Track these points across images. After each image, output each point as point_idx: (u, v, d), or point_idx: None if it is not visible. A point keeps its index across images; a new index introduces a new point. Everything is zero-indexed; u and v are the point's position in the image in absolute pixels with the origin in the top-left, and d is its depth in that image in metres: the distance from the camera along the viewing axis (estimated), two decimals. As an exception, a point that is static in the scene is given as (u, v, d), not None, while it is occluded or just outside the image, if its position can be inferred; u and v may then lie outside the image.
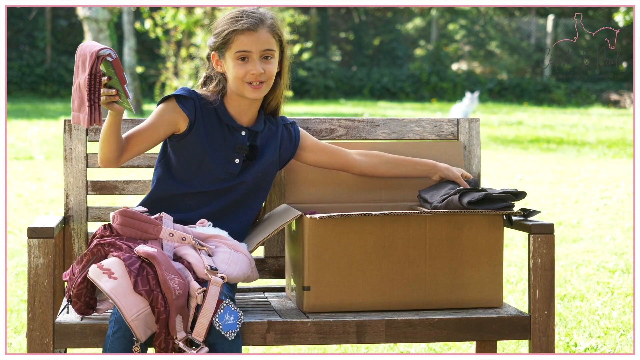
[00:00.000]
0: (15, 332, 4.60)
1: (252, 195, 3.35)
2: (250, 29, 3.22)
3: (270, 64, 3.27)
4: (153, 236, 3.06)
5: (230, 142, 3.31)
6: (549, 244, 3.18)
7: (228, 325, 2.93)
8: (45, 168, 10.97)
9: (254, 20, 3.23)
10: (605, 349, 4.33)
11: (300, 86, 25.81)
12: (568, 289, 5.45)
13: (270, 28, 3.26)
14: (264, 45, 3.24)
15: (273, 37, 3.27)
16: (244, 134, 3.32)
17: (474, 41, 29.30)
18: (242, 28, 3.22)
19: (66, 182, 3.48)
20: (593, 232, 7.13)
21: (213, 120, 3.30)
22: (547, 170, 10.95)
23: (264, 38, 3.24)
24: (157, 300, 2.88)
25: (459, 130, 3.66)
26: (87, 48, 3.02)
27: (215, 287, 2.95)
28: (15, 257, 6.26)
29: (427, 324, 3.12)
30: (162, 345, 2.89)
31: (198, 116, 3.28)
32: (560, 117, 19.82)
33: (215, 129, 3.30)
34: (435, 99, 25.11)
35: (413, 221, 3.21)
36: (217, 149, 3.29)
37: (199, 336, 2.91)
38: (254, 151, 3.33)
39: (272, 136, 3.38)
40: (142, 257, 2.94)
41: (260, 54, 3.24)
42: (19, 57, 25.02)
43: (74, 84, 3.04)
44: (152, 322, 2.91)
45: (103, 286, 2.89)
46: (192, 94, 3.30)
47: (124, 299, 2.88)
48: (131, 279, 2.90)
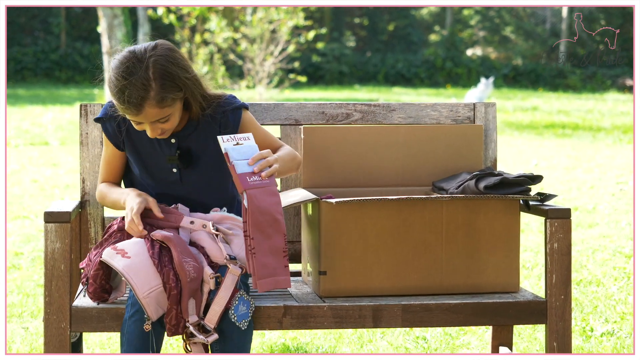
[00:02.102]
0: (32, 317, 4.62)
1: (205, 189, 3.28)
2: (133, 113, 3.00)
3: (167, 122, 3.08)
4: (174, 224, 3.08)
5: (161, 154, 3.21)
6: (565, 229, 3.17)
7: (241, 315, 2.95)
8: (60, 154, 11.00)
9: (136, 100, 2.96)
10: (622, 334, 4.32)
11: (315, 72, 25.80)
12: (584, 274, 5.44)
13: (155, 101, 2.98)
14: (153, 118, 3.03)
15: (161, 106, 3.00)
16: (174, 141, 3.20)
17: (489, 26, 29.22)
18: (124, 109, 3.00)
19: (82, 167, 3.49)
20: (609, 217, 7.11)
21: (141, 135, 3.20)
22: (563, 156, 10.92)
23: (151, 114, 3.01)
24: (169, 276, 2.89)
25: (475, 114, 3.65)
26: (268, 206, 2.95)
27: (232, 276, 2.95)
28: (32, 242, 6.28)
29: (443, 309, 3.12)
30: (172, 322, 2.90)
31: (124, 135, 3.20)
32: (576, 102, 19.75)
33: (144, 143, 3.21)
34: (449, 85, 25.06)
35: (429, 206, 3.20)
36: (152, 163, 3.22)
37: (210, 322, 2.92)
38: (187, 158, 3.21)
39: (210, 130, 3.22)
40: (159, 240, 2.96)
41: (153, 122, 3.06)
42: (34, 42, 25.09)
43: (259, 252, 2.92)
44: (164, 300, 2.92)
45: (116, 264, 2.90)
46: (113, 110, 3.18)
47: (136, 276, 2.89)
48: (151, 252, 2.91)
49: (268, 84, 19.16)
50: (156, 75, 2.98)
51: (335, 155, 3.48)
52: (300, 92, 21.04)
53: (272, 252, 2.93)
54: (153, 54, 3.00)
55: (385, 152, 3.49)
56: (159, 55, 3.01)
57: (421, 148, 3.51)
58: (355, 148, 3.47)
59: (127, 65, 2.98)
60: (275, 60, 19.17)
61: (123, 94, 2.97)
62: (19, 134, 13.03)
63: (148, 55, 3.00)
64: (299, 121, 3.59)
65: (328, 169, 3.48)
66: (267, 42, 19.14)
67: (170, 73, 3.00)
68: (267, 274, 2.92)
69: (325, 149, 3.45)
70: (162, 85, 2.98)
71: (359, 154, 3.48)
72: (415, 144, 3.50)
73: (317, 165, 3.48)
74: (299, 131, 3.56)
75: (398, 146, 3.50)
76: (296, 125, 3.58)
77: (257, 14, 18.72)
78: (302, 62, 23.84)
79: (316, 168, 3.48)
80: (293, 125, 3.58)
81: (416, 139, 3.51)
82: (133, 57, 2.99)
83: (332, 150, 3.46)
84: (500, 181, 3.21)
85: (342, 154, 3.48)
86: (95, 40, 24.77)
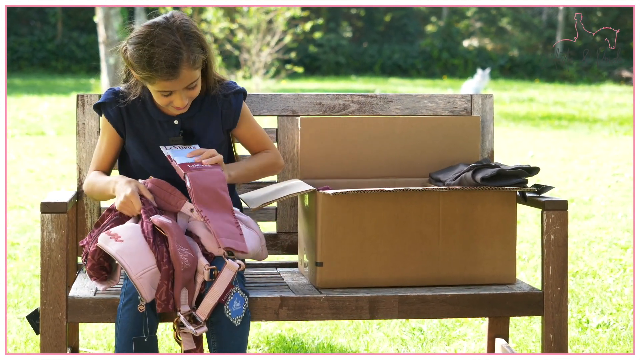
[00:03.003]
0: (28, 307, 4.62)
1: None
2: (170, 76, 3.03)
3: (194, 89, 3.13)
4: (174, 208, 3.07)
5: (163, 137, 3.23)
6: (562, 220, 3.17)
7: (236, 311, 2.95)
8: (56, 144, 10.99)
9: (171, 63, 3.01)
10: (618, 325, 4.32)
11: (311, 62, 25.79)
12: (580, 266, 5.45)
13: (189, 62, 3.04)
14: (186, 82, 3.08)
15: (194, 68, 3.07)
16: (177, 122, 3.22)
17: (485, 17, 29.22)
18: (160, 75, 3.03)
19: (79, 157, 3.48)
20: (605, 209, 7.12)
21: (142, 118, 3.23)
22: (559, 147, 10.93)
23: (186, 77, 3.06)
24: (162, 253, 2.90)
25: (472, 106, 3.65)
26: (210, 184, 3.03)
27: (229, 271, 2.94)
28: (28, 233, 6.28)
29: (440, 300, 3.12)
30: (162, 297, 2.89)
31: (126, 120, 3.22)
32: (572, 94, 19.76)
33: (146, 127, 3.23)
34: (446, 76, 25.06)
35: (426, 197, 3.20)
36: (153, 146, 3.22)
37: (202, 315, 2.92)
38: (190, 139, 3.23)
39: (212, 111, 3.26)
40: (155, 226, 2.96)
41: (184, 87, 3.10)
42: (30, 32, 25.04)
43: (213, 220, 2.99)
44: (157, 281, 2.91)
45: (110, 249, 2.90)
46: (115, 96, 3.22)
47: (129, 258, 2.89)
48: (146, 231, 2.92)
49: (265, 75, 19.15)
50: (183, 37, 3.05)
51: (332, 147, 3.48)
52: (296, 83, 21.04)
53: (225, 222, 2.99)
54: (174, 20, 3.07)
55: (382, 144, 3.49)
56: (181, 21, 3.08)
57: (418, 139, 3.50)
58: (352, 139, 3.47)
59: (155, 34, 3.03)
60: (272, 50, 19.15)
61: (157, 62, 3.00)
62: (15, 123, 13.02)
63: (171, 21, 3.06)
64: (296, 112, 3.58)
65: (325, 160, 3.47)
66: (263, 33, 19.13)
67: (195, 33, 3.08)
68: (227, 235, 2.99)
69: (323, 140, 3.45)
70: (190, 46, 3.05)
71: (356, 145, 3.47)
72: (412, 135, 3.50)
73: (314, 156, 3.48)
74: (296, 122, 3.55)
75: (395, 137, 3.49)
76: (293, 116, 3.58)
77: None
78: (299, 53, 23.84)
79: (313, 159, 3.48)
80: (290, 116, 3.58)
81: (413, 130, 3.51)
82: (157, 27, 3.05)
83: (329, 141, 3.46)
84: (497, 173, 3.21)
85: (339, 145, 3.48)
86: (92, 30, 24.74)
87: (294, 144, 3.57)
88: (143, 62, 3.02)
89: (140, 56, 3.02)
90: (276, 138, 3.57)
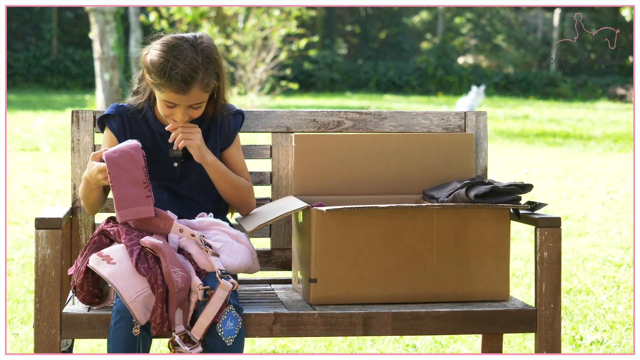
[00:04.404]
0: (22, 323, 4.61)
1: (201, 188, 3.35)
2: (181, 90, 3.12)
3: (198, 110, 3.21)
4: (164, 231, 3.08)
5: (163, 150, 3.31)
6: (555, 238, 3.18)
7: (228, 331, 2.95)
8: (51, 159, 10.99)
9: (185, 79, 3.11)
10: (611, 342, 4.33)
11: (306, 79, 25.81)
12: (574, 283, 5.45)
13: (201, 84, 3.15)
14: (193, 101, 3.17)
15: (205, 91, 3.17)
16: None
17: (480, 35, 29.27)
18: (172, 87, 3.13)
19: (73, 173, 3.49)
20: (599, 226, 7.12)
21: (144, 131, 3.31)
22: (553, 165, 10.94)
23: (194, 96, 3.16)
24: (156, 275, 2.90)
25: (466, 123, 3.66)
26: (125, 148, 3.03)
27: (223, 291, 2.95)
28: (22, 249, 6.27)
29: (433, 317, 3.13)
30: (157, 321, 2.90)
31: (128, 132, 3.30)
32: (567, 111, 19.80)
33: (147, 140, 3.29)
34: (441, 93, 25.09)
35: (420, 214, 3.21)
36: (153, 159, 3.26)
37: (197, 335, 2.93)
38: (189, 152, 3.28)
39: (211, 127, 3.35)
40: (147, 248, 2.96)
41: (189, 105, 3.19)
42: (25, 48, 25.03)
43: (117, 185, 2.99)
44: (151, 303, 2.92)
45: (102, 271, 2.91)
46: (118, 110, 3.32)
47: (122, 281, 2.90)
48: (132, 259, 2.92)
49: (260, 91, 19.16)
50: (204, 60, 3.15)
51: (326, 163, 3.49)
52: (291, 99, 21.05)
53: (132, 182, 3.01)
54: (202, 41, 3.18)
55: (376, 161, 3.50)
56: (207, 44, 3.18)
57: (412, 156, 3.51)
58: (346, 156, 3.48)
59: (180, 48, 3.14)
60: (267, 67, 19.17)
61: (173, 72, 3.10)
62: (10, 139, 13.02)
63: (199, 42, 3.17)
64: (290, 129, 3.59)
65: (319, 176, 3.48)
66: (258, 49, 19.15)
67: (216, 60, 3.19)
68: (127, 205, 3.01)
69: (317, 156, 3.46)
70: (207, 70, 3.15)
71: (350, 162, 3.48)
72: (406, 153, 3.51)
73: (308, 173, 3.48)
74: (290, 139, 3.56)
75: (389, 154, 3.50)
76: (287, 132, 3.59)
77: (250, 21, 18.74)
78: (294, 69, 23.86)
79: (307, 176, 3.48)
80: (284, 132, 3.59)
81: (407, 147, 3.51)
82: (184, 41, 3.16)
83: (323, 158, 3.46)
84: (491, 190, 3.22)
85: (333, 162, 3.48)
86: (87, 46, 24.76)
87: (288, 161, 3.58)
88: (161, 68, 3.12)
89: (159, 62, 3.12)
90: (270, 154, 3.59)
